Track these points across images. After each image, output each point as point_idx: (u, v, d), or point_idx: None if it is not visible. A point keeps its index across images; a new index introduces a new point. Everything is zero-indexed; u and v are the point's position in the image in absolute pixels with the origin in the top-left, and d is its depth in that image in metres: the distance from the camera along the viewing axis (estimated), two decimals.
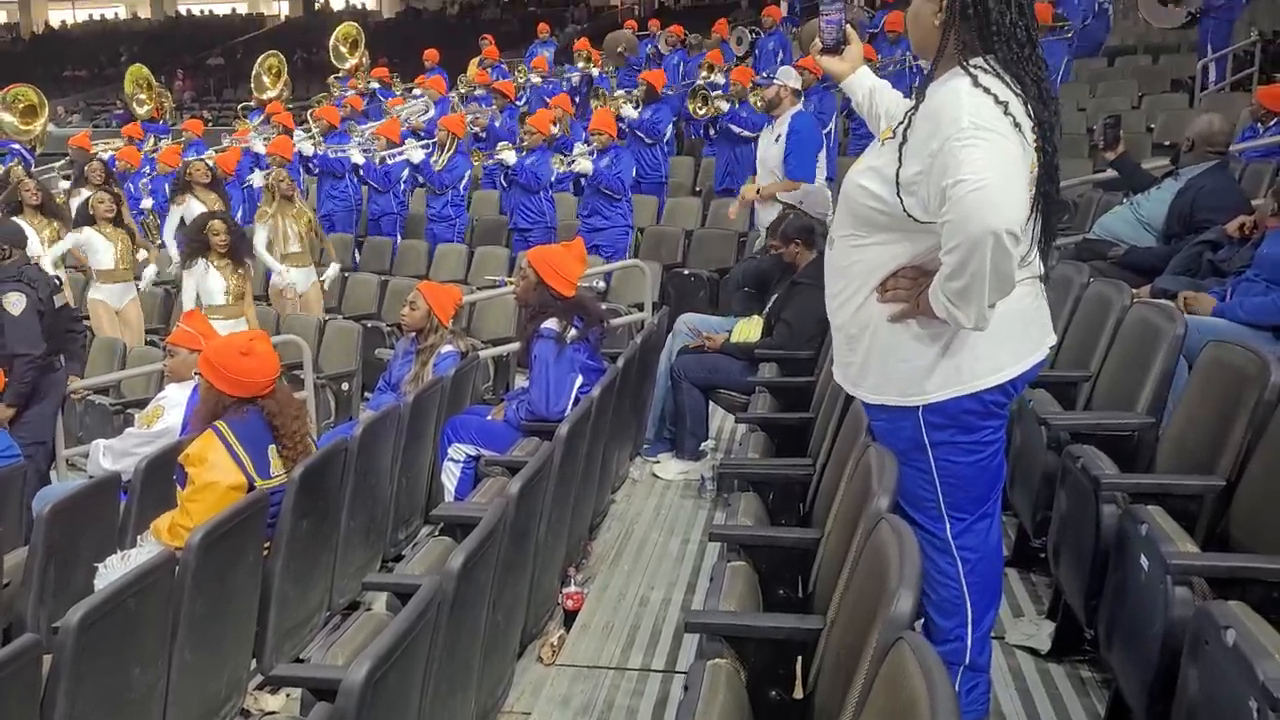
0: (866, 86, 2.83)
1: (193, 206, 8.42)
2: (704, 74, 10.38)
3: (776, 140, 6.44)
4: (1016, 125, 2.22)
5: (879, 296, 2.42)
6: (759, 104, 7.18)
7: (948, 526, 2.50)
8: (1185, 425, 3.02)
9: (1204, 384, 2.99)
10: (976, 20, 2.29)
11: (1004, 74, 2.27)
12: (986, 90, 2.23)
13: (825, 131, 9.08)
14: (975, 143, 2.17)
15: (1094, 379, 3.63)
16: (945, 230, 2.19)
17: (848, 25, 2.81)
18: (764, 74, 8.24)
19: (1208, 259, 4.43)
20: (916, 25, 2.42)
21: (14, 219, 7.04)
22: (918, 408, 2.43)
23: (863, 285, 2.45)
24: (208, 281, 6.75)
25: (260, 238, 7.76)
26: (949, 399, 2.40)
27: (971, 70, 2.27)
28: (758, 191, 6.55)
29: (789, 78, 6.61)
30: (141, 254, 8.16)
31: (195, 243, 6.82)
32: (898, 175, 2.31)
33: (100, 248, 7.60)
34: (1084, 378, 3.65)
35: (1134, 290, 3.95)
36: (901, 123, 2.35)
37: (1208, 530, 2.71)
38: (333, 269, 8.30)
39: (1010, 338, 2.40)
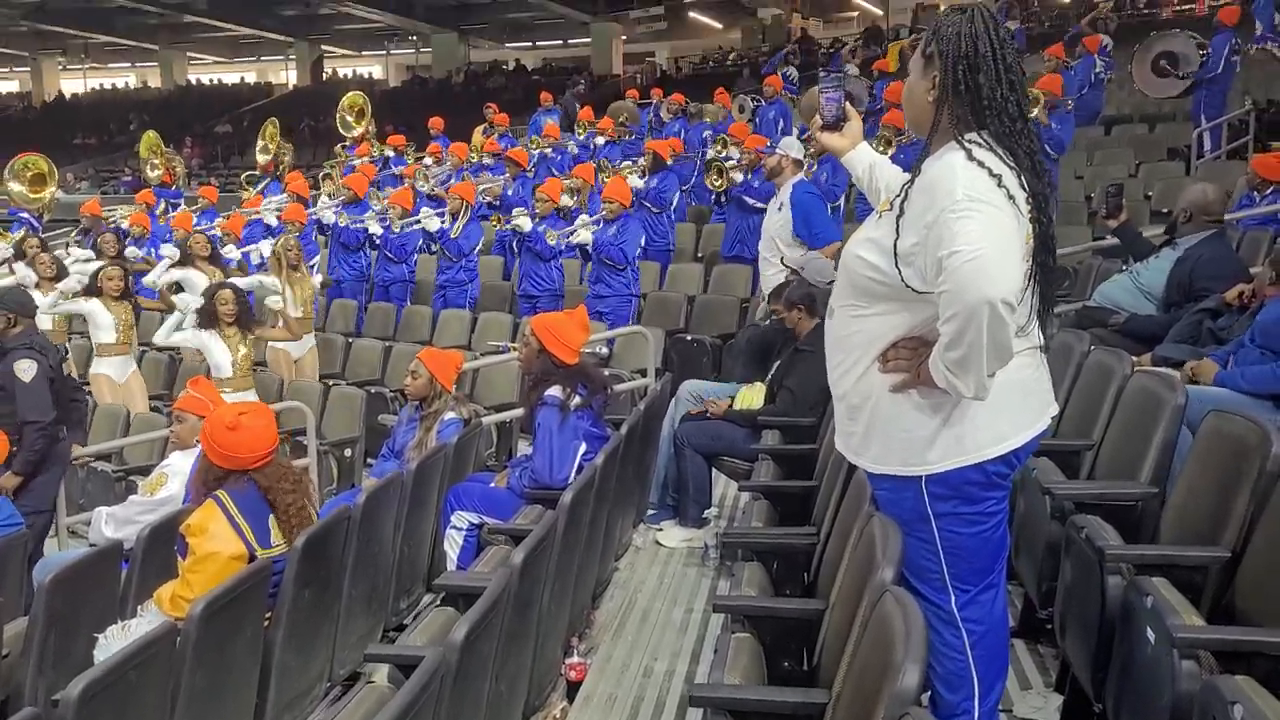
0: (866, 162, 2.88)
1: (191, 275, 8.49)
2: (717, 147, 10.48)
3: (780, 209, 6.49)
4: (1010, 198, 2.27)
5: (880, 366, 2.44)
6: (766, 173, 7.25)
7: (952, 598, 2.49)
8: (1188, 495, 3.01)
9: (1206, 454, 2.99)
10: (969, 96, 2.34)
11: (997, 148, 2.32)
12: (981, 164, 2.28)
13: (833, 206, 9.21)
14: (970, 214, 2.21)
15: (1096, 448, 3.64)
16: (942, 300, 2.23)
17: (847, 102, 2.86)
18: (769, 144, 8.34)
19: (1208, 327, 4.45)
20: (911, 102, 2.48)
21: (26, 290, 7.08)
22: (920, 478, 2.43)
23: (863, 355, 2.47)
24: (215, 354, 6.78)
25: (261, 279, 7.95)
26: (951, 469, 2.41)
27: (966, 145, 2.32)
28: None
29: (791, 148, 6.68)
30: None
31: (204, 313, 6.88)
32: (895, 246, 2.34)
33: (104, 323, 7.64)
34: (1086, 446, 3.66)
35: (1135, 358, 3.97)
36: (899, 195, 2.39)
37: (1213, 602, 2.70)
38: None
39: (1011, 408, 2.42)
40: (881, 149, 10.26)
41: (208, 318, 6.84)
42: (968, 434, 2.40)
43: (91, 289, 7.75)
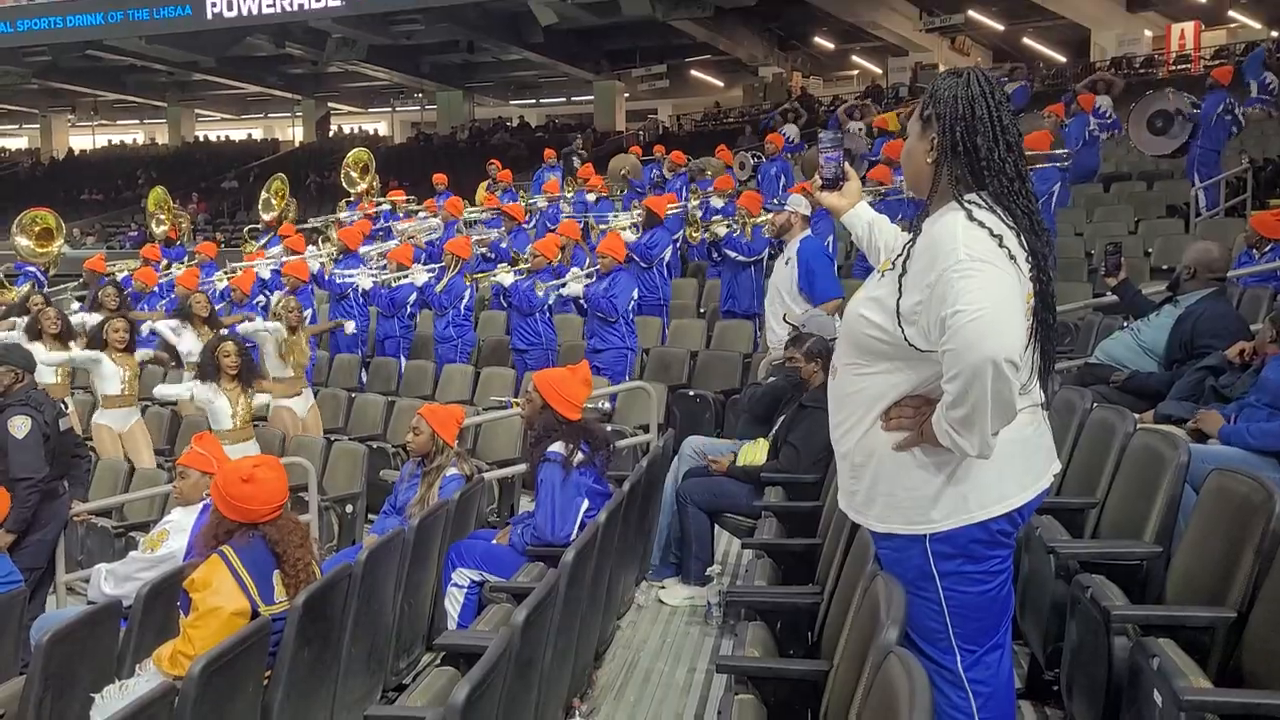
0: (865, 220, 2.91)
1: (184, 334, 8.48)
2: (694, 200, 10.55)
3: (786, 264, 6.53)
4: (1011, 257, 2.29)
5: (883, 425, 2.44)
6: (769, 229, 7.29)
7: (958, 659, 2.47)
8: (1193, 555, 3.00)
9: (1210, 513, 2.98)
10: (967, 157, 2.37)
11: (996, 207, 2.35)
12: (981, 224, 2.31)
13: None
14: (972, 274, 2.23)
15: (1100, 506, 3.62)
16: (945, 359, 2.24)
17: (846, 163, 2.90)
18: (774, 200, 8.39)
19: (1210, 384, 4.45)
20: (910, 162, 2.51)
21: (28, 344, 7.09)
22: (925, 537, 2.43)
23: (866, 413, 2.47)
24: (216, 406, 6.79)
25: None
26: (956, 528, 2.40)
27: (966, 205, 2.35)
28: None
29: (800, 205, 6.73)
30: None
31: (206, 366, 6.89)
32: (898, 305, 2.36)
33: (108, 374, 7.66)
34: (1090, 505, 3.64)
35: (1137, 415, 3.96)
36: (900, 254, 2.41)
37: (1220, 663, 2.68)
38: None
39: (1014, 466, 2.42)
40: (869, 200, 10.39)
41: (209, 370, 6.85)
42: (971, 493, 2.39)
43: (96, 341, 7.78)
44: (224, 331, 7.99)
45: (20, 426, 5.52)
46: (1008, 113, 2.40)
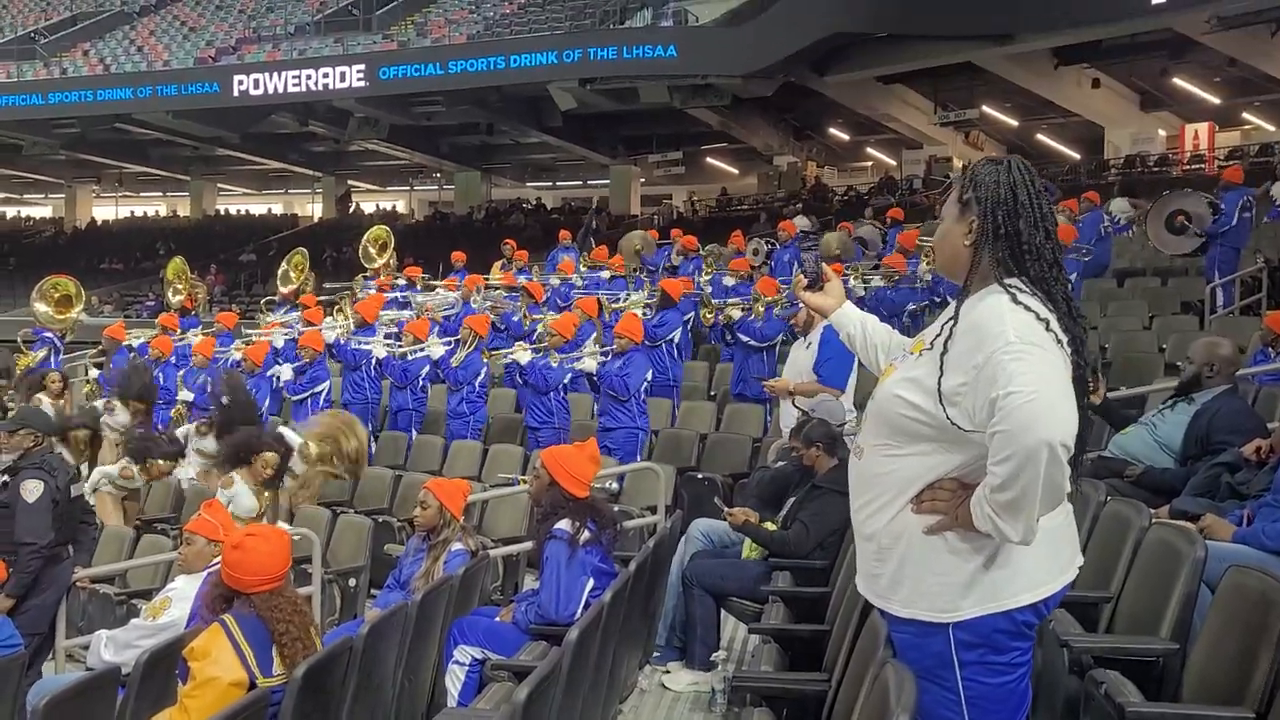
0: (856, 319, 2.92)
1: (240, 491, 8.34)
2: (705, 278, 10.62)
3: (808, 347, 6.51)
4: (1058, 341, 2.30)
5: (914, 507, 2.41)
6: (797, 327, 7.21)
7: None
8: (1210, 653, 2.95)
9: (1227, 611, 2.94)
10: (1008, 241, 2.39)
11: (1038, 291, 2.36)
12: (1027, 308, 2.32)
13: None
14: (1023, 356, 2.23)
15: (1115, 600, 3.57)
16: (996, 441, 2.22)
17: (823, 264, 2.96)
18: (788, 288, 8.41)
19: (1226, 481, 4.42)
20: (946, 245, 2.52)
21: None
22: (948, 625, 2.38)
23: (898, 495, 2.44)
24: (240, 499, 6.69)
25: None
26: (983, 616, 2.37)
27: (1009, 289, 2.36)
28: (790, 392, 6.55)
29: None
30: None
31: (235, 460, 6.71)
32: (939, 385, 2.35)
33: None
34: (1105, 599, 3.59)
35: (1152, 510, 3.92)
36: (938, 334, 2.41)
37: None
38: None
39: (1045, 556, 2.39)
40: (881, 283, 10.51)
41: (237, 464, 6.73)
42: (1002, 581, 2.36)
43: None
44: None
45: (33, 490, 5.52)
46: (1046, 200, 2.44)
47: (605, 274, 13.04)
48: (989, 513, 2.25)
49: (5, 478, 5.77)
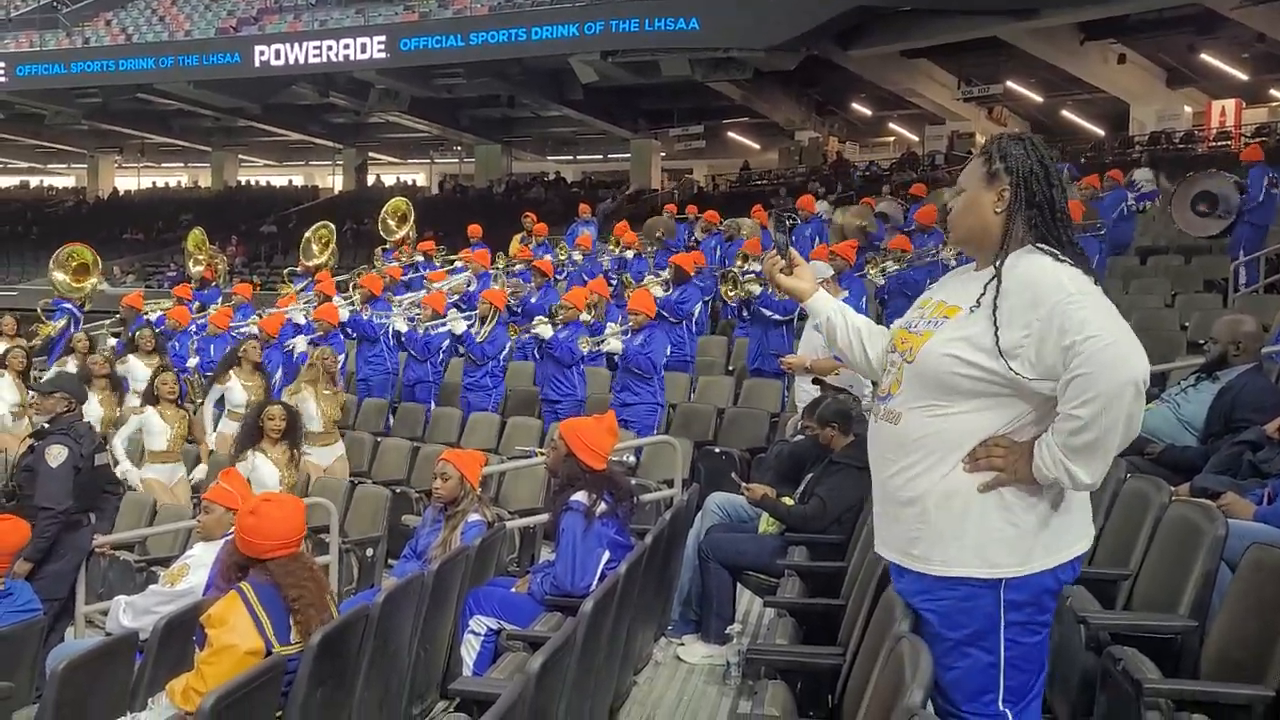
0: (833, 307, 2.90)
1: (234, 386, 8.55)
2: (739, 262, 10.60)
3: (816, 328, 6.43)
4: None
5: (967, 466, 2.42)
6: None
7: (1009, 715, 2.43)
8: (1229, 630, 2.92)
9: (1247, 588, 2.91)
10: (1042, 209, 2.45)
11: (1065, 258, 2.41)
12: (1070, 264, 2.39)
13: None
14: (1088, 304, 2.30)
15: (1134, 577, 3.54)
16: (1075, 385, 2.27)
17: (791, 248, 2.93)
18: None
19: (1248, 459, 4.37)
20: (971, 213, 2.53)
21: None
22: (1000, 582, 2.39)
23: (949, 454, 2.44)
24: (260, 471, 6.76)
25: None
26: (1033, 574, 2.40)
27: (1046, 250, 2.42)
28: (809, 366, 6.50)
29: (825, 272, 6.71)
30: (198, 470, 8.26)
31: (250, 433, 6.87)
32: (998, 341, 2.37)
33: (157, 429, 7.76)
34: (1123, 576, 3.56)
35: (1172, 488, 3.89)
36: (982, 294, 2.43)
37: None
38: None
39: (1083, 512, 2.49)
40: (896, 267, 10.39)
41: (253, 438, 6.85)
42: (1052, 537, 2.42)
43: (148, 397, 7.88)
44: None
45: (57, 455, 5.56)
46: (1063, 175, 2.54)
47: (629, 254, 13.00)
48: (1060, 458, 2.31)
49: (33, 441, 5.82)
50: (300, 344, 9.87)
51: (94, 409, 8.36)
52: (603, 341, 8.72)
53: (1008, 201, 2.47)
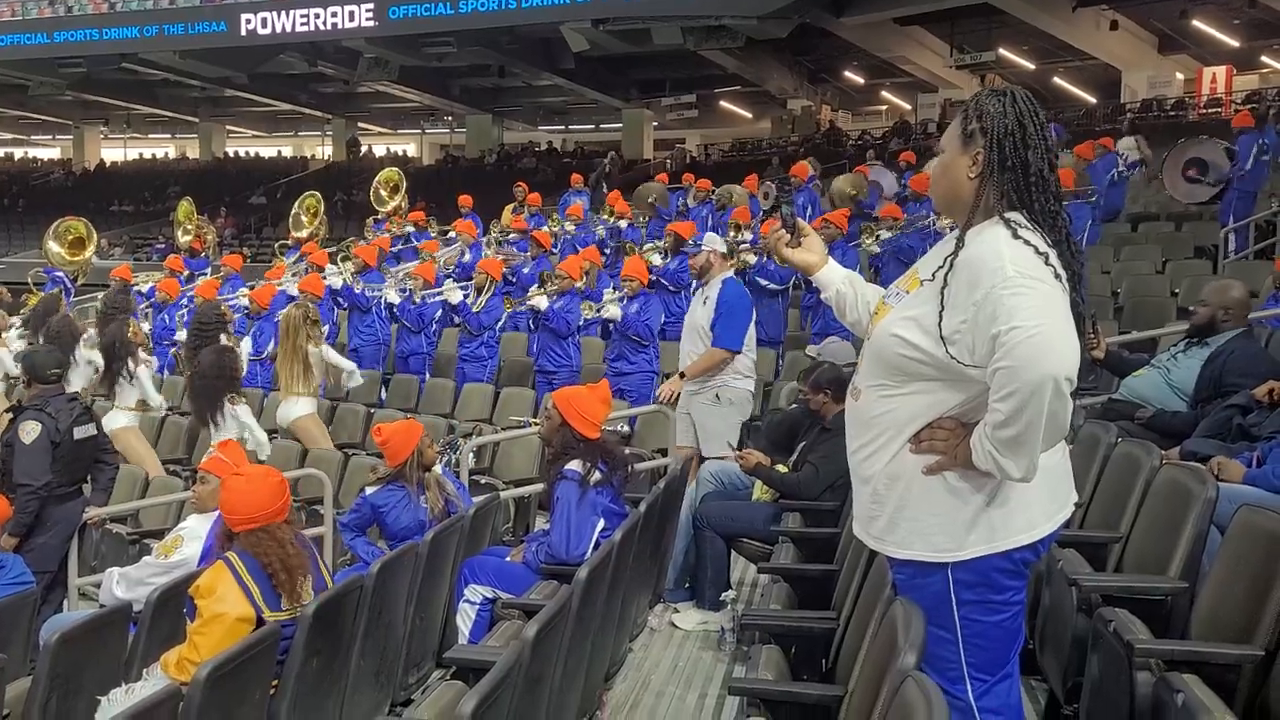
0: (842, 276, 2.80)
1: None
2: (731, 232, 10.57)
3: (705, 303, 6.29)
4: (1057, 276, 2.26)
5: (912, 447, 2.39)
6: (692, 271, 7.02)
7: (969, 689, 2.42)
8: (1219, 591, 2.94)
9: (1237, 550, 2.93)
10: (1014, 173, 2.33)
11: (1040, 226, 2.31)
12: (1026, 242, 2.28)
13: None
14: (1023, 291, 2.20)
15: (1124, 540, 3.56)
16: (998, 377, 2.19)
17: (799, 219, 2.86)
18: (691, 241, 8.09)
19: (1238, 423, 4.40)
20: (946, 178, 2.45)
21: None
22: (947, 565, 2.37)
23: (895, 436, 2.41)
24: (249, 421, 6.85)
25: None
26: (981, 556, 2.36)
27: (1010, 223, 2.31)
28: (681, 375, 6.34)
29: (716, 244, 6.61)
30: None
31: (216, 391, 6.99)
32: (940, 325, 2.31)
33: (145, 378, 7.80)
34: (1114, 539, 3.59)
35: (1163, 453, 3.90)
36: (940, 267, 2.36)
37: (1247, 701, 2.62)
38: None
39: (1042, 495, 2.37)
40: (889, 234, 10.36)
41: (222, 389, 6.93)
42: (1001, 520, 2.35)
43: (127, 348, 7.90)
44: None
45: (30, 431, 5.51)
46: (1049, 133, 2.38)
47: (623, 223, 12.95)
48: (990, 449, 2.23)
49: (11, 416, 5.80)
50: None
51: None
52: (602, 308, 8.72)
53: (980, 165, 2.36)
